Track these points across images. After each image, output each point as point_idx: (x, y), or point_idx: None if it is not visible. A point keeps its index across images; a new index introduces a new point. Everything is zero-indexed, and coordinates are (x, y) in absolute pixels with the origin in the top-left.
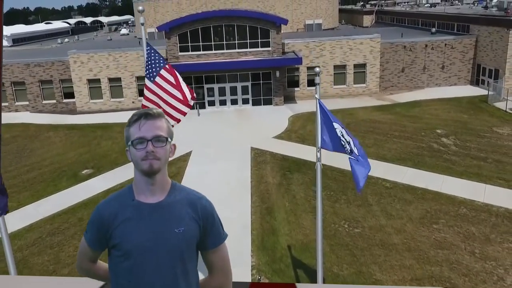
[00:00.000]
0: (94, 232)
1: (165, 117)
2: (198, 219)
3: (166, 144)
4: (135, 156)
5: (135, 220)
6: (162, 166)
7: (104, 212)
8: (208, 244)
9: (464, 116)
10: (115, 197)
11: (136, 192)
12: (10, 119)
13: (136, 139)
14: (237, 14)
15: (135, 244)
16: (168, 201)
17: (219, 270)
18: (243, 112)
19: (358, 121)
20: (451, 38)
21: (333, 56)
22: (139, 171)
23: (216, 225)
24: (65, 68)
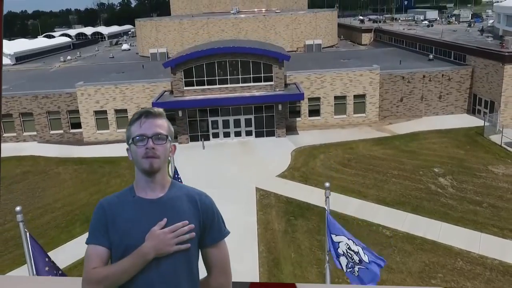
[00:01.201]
0: (99, 228)
1: (166, 117)
2: (198, 215)
3: (166, 142)
4: (135, 154)
5: (135, 216)
6: (162, 164)
7: (106, 206)
8: (208, 240)
9: (460, 152)
10: (117, 195)
11: (136, 190)
12: (19, 150)
13: (136, 136)
14: (241, 50)
15: (135, 239)
16: (168, 197)
17: (219, 270)
18: (246, 145)
19: (359, 157)
20: (448, 68)
21: (334, 87)
22: (140, 169)
23: (217, 221)
24: (72, 99)
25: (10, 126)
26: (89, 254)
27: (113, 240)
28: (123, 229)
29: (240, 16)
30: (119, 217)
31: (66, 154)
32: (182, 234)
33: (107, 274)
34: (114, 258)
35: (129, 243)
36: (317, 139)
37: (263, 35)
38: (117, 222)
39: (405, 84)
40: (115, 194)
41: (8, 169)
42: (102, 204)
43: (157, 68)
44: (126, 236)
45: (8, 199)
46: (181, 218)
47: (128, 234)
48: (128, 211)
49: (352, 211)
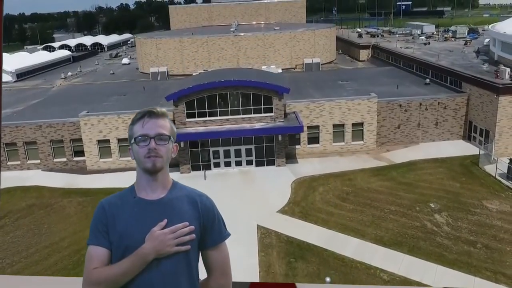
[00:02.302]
0: (100, 228)
1: (169, 117)
2: (199, 216)
3: (169, 143)
4: (137, 154)
5: (136, 216)
6: (164, 164)
7: (107, 207)
8: (208, 242)
9: (456, 185)
10: (117, 195)
11: (137, 190)
12: (23, 180)
13: (139, 136)
14: (242, 84)
15: (135, 240)
16: (169, 198)
17: (219, 271)
18: (247, 174)
19: (357, 190)
20: (444, 96)
21: (332, 116)
22: (142, 169)
23: (217, 223)
24: (76, 128)
25: (14, 154)
26: (90, 254)
27: (113, 240)
28: (123, 230)
29: (239, 34)
30: (119, 217)
31: (70, 185)
32: (182, 236)
33: (107, 274)
34: (114, 258)
35: (129, 243)
36: (316, 168)
37: (262, 53)
38: (117, 223)
39: (402, 112)
40: (116, 194)
41: (14, 202)
42: (103, 204)
43: (157, 90)
44: (126, 237)
45: (16, 237)
46: (182, 219)
47: (128, 234)
48: (128, 211)
49: (351, 252)
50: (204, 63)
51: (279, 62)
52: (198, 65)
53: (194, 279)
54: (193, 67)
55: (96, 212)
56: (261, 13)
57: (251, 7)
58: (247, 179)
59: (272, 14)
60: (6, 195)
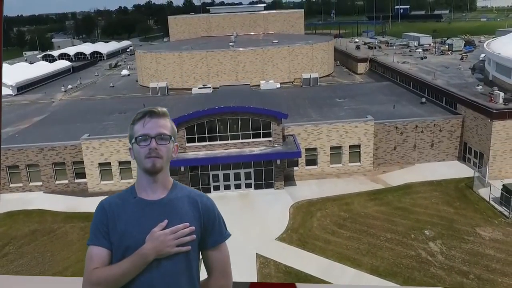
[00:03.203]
0: (100, 229)
1: (169, 117)
2: (199, 217)
3: (169, 143)
4: (138, 154)
5: (136, 217)
6: (164, 164)
7: (107, 207)
8: (209, 242)
9: (450, 211)
10: (118, 195)
11: (138, 190)
12: (26, 203)
13: (139, 136)
14: (241, 110)
15: (136, 240)
16: (170, 198)
17: (219, 272)
18: (246, 198)
19: (354, 215)
20: (439, 118)
21: (330, 138)
22: (142, 169)
23: (218, 223)
24: (77, 151)
25: (16, 176)
26: (90, 255)
27: (113, 240)
28: (123, 230)
29: (238, 49)
30: (119, 218)
31: (72, 208)
32: (183, 236)
33: (107, 275)
34: (114, 259)
35: (130, 244)
36: (314, 191)
37: (260, 67)
38: (117, 223)
39: (398, 134)
40: (116, 195)
41: (17, 227)
42: (103, 204)
43: None
44: (126, 237)
45: (20, 266)
46: (182, 220)
47: (128, 235)
48: (128, 212)
49: (347, 283)
50: (203, 77)
51: (277, 76)
52: (198, 79)
53: (194, 279)
54: (192, 81)
55: (96, 212)
56: (260, 24)
57: (250, 17)
58: (246, 203)
59: (271, 24)
60: (9, 220)
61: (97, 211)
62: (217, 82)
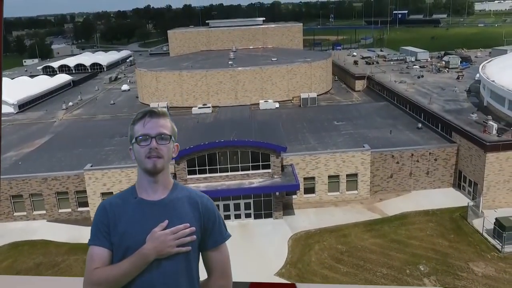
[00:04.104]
0: (101, 229)
1: (170, 117)
2: (199, 217)
3: (170, 143)
4: (139, 154)
5: (137, 217)
6: (165, 164)
7: (108, 208)
8: (209, 243)
9: (445, 244)
10: (118, 195)
11: (138, 190)
12: (30, 233)
13: (140, 136)
14: (241, 144)
15: (136, 240)
16: (170, 199)
17: (220, 272)
18: (246, 229)
19: (351, 249)
20: (434, 146)
21: (328, 168)
22: (143, 169)
23: (218, 224)
24: (80, 181)
25: (20, 206)
26: (91, 255)
27: (114, 241)
28: (124, 230)
29: (237, 68)
30: (120, 218)
31: (75, 239)
32: (183, 236)
33: (108, 274)
34: (115, 259)
35: (130, 244)
36: (312, 222)
37: (260, 86)
38: (118, 223)
39: (395, 162)
40: (117, 195)
41: (23, 260)
42: (104, 205)
43: None
44: (127, 237)
45: None
46: (183, 220)
47: (129, 235)
48: (129, 212)
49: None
50: (203, 96)
51: (276, 95)
52: (198, 98)
53: (194, 279)
54: (192, 100)
55: (97, 213)
56: (259, 38)
57: (249, 31)
58: (246, 234)
59: (270, 38)
60: (14, 251)
61: (98, 212)
62: (217, 101)
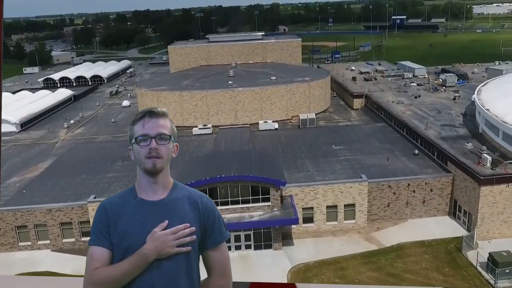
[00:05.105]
0: (101, 229)
1: (169, 117)
2: (199, 217)
3: (169, 143)
4: (138, 154)
5: (137, 217)
6: (164, 164)
7: (108, 208)
8: (209, 242)
9: (440, 278)
10: (118, 196)
11: (138, 191)
12: (34, 264)
13: (139, 136)
14: (242, 178)
15: (136, 240)
16: (170, 199)
17: (220, 272)
18: (246, 261)
19: (348, 283)
20: (430, 177)
21: (326, 198)
22: (142, 169)
23: (218, 224)
24: (84, 211)
25: (25, 236)
26: (91, 255)
27: (114, 241)
28: (124, 230)
29: (237, 89)
30: (120, 218)
31: (80, 271)
32: (183, 236)
33: (108, 275)
34: (115, 259)
35: (130, 244)
36: (311, 253)
37: (259, 106)
38: (118, 223)
39: (392, 192)
40: (117, 195)
41: None
42: (104, 205)
43: None
44: (127, 237)
45: None
46: (183, 220)
47: (129, 235)
48: (129, 212)
49: None
50: (203, 116)
51: (275, 114)
52: (198, 118)
53: (194, 279)
54: (192, 119)
55: (97, 213)
56: (258, 53)
57: (248, 47)
58: (246, 266)
59: (269, 53)
60: None
61: (98, 212)
62: (217, 120)
